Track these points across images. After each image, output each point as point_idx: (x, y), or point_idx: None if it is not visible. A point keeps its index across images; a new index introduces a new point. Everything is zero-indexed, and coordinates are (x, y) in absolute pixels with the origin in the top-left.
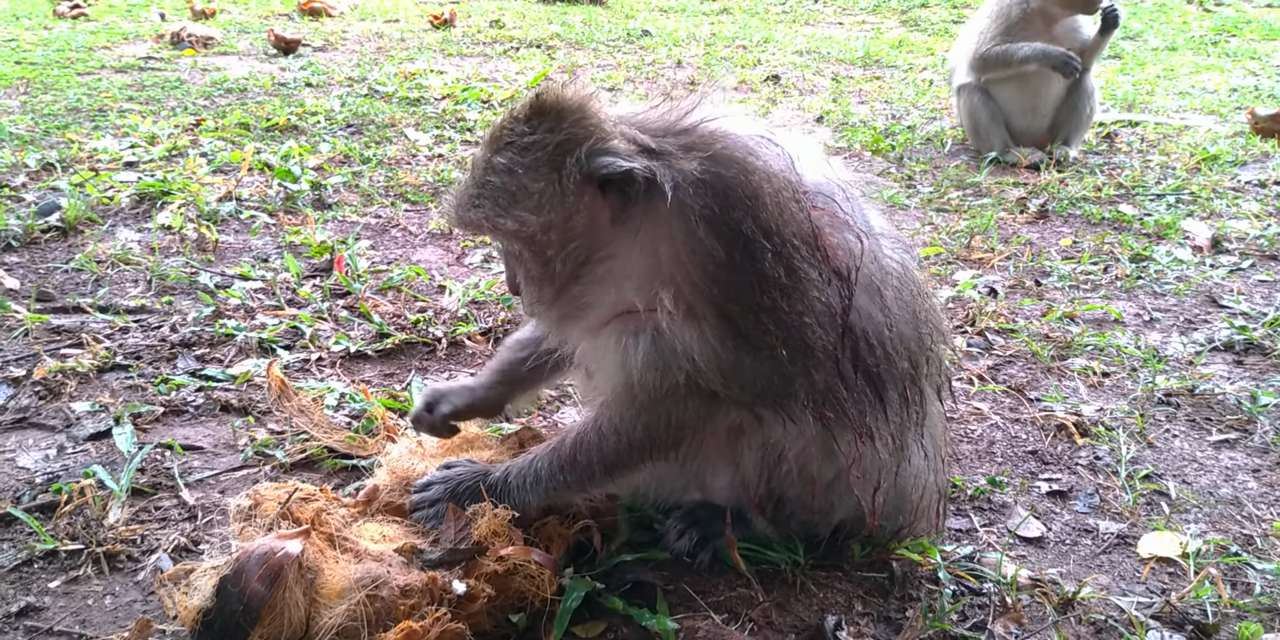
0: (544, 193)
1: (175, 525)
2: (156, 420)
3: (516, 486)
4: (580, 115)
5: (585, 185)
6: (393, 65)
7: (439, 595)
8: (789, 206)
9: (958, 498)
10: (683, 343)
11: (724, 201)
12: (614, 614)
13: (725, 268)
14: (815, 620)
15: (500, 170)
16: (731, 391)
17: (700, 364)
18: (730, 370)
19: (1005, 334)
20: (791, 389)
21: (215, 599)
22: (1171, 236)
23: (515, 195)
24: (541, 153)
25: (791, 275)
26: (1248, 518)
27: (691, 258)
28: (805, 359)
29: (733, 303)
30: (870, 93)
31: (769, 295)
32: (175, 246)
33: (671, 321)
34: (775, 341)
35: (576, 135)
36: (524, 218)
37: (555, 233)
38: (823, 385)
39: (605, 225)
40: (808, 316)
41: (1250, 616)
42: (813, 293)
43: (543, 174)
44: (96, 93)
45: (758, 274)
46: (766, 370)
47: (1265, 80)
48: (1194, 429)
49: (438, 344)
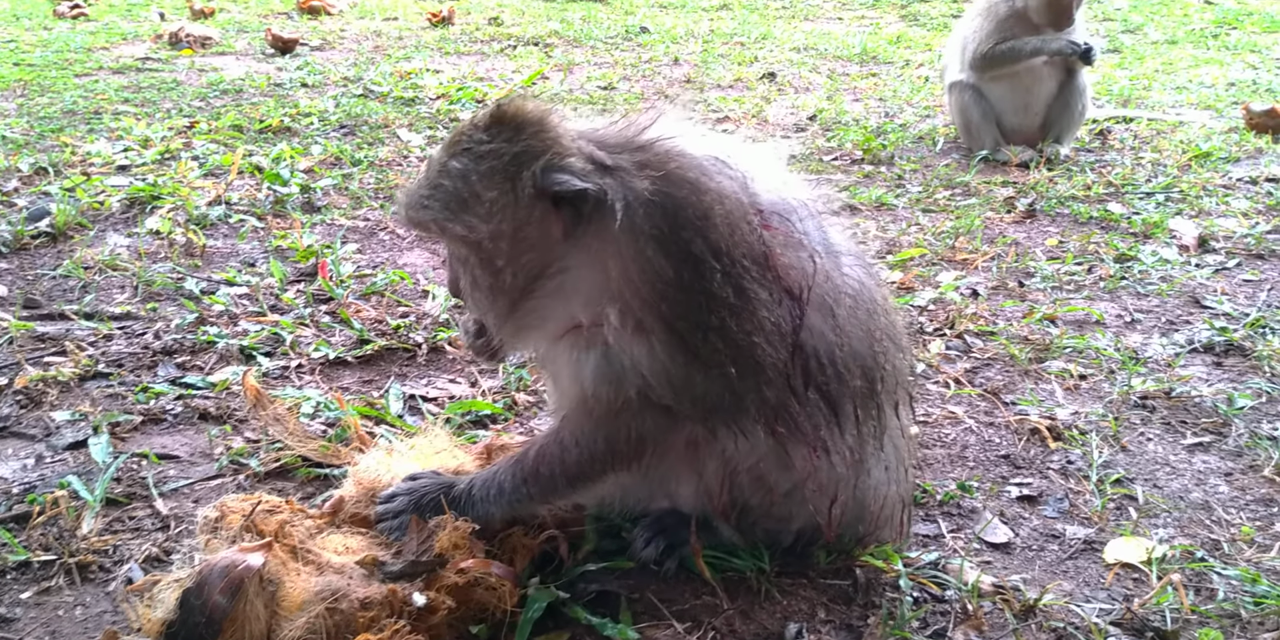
0: (496, 202)
1: (148, 535)
2: (135, 429)
3: (480, 499)
4: (539, 128)
5: (538, 199)
6: (389, 64)
7: (399, 607)
8: (740, 227)
9: (926, 503)
10: (632, 358)
11: (674, 222)
12: (577, 624)
13: (674, 287)
14: (778, 628)
15: (454, 174)
16: (683, 406)
17: (650, 379)
18: (681, 386)
19: (984, 336)
20: (743, 405)
21: (178, 611)
22: (1158, 236)
23: (466, 201)
24: (497, 161)
25: (741, 295)
26: (1217, 522)
27: (640, 276)
28: (756, 376)
29: (681, 320)
30: (865, 90)
31: (718, 315)
32: (163, 252)
33: (619, 337)
34: (725, 359)
35: (534, 148)
36: (473, 224)
37: (505, 242)
38: (775, 401)
39: (557, 239)
40: (757, 336)
41: (1212, 623)
42: (762, 312)
43: (496, 183)
44: (93, 95)
45: (706, 294)
46: (717, 387)
47: (1264, 74)
48: (1169, 432)
49: (418, 350)
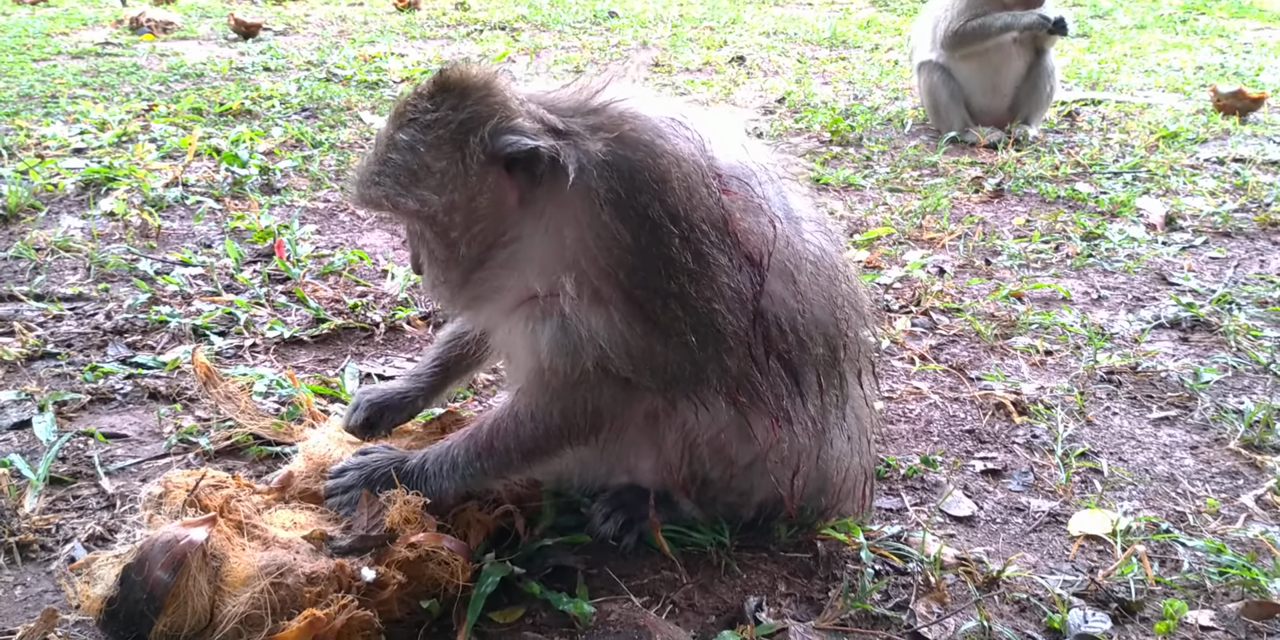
0: (446, 172)
1: (92, 514)
2: (83, 408)
3: (433, 473)
4: (485, 93)
5: (490, 165)
6: (353, 48)
7: (347, 582)
8: (698, 191)
9: (890, 477)
10: (589, 328)
11: (630, 185)
12: (533, 599)
13: (631, 253)
14: (738, 602)
15: (402, 147)
16: (643, 377)
17: (608, 350)
18: (640, 356)
19: (950, 313)
20: (704, 375)
21: (119, 588)
22: (1126, 214)
23: (417, 174)
24: (444, 130)
25: (700, 261)
26: (1182, 494)
27: (597, 242)
28: (716, 344)
29: (639, 288)
30: (834, 73)
31: (676, 281)
32: (118, 233)
33: (576, 307)
34: (685, 327)
35: (480, 113)
36: (425, 197)
37: (459, 214)
38: (736, 371)
39: (511, 207)
40: (717, 302)
41: (1176, 593)
42: (722, 278)
43: (445, 152)
44: (50, 79)
45: (665, 259)
46: (677, 356)
47: (1231, 58)
48: (1134, 406)
49: (376, 329)
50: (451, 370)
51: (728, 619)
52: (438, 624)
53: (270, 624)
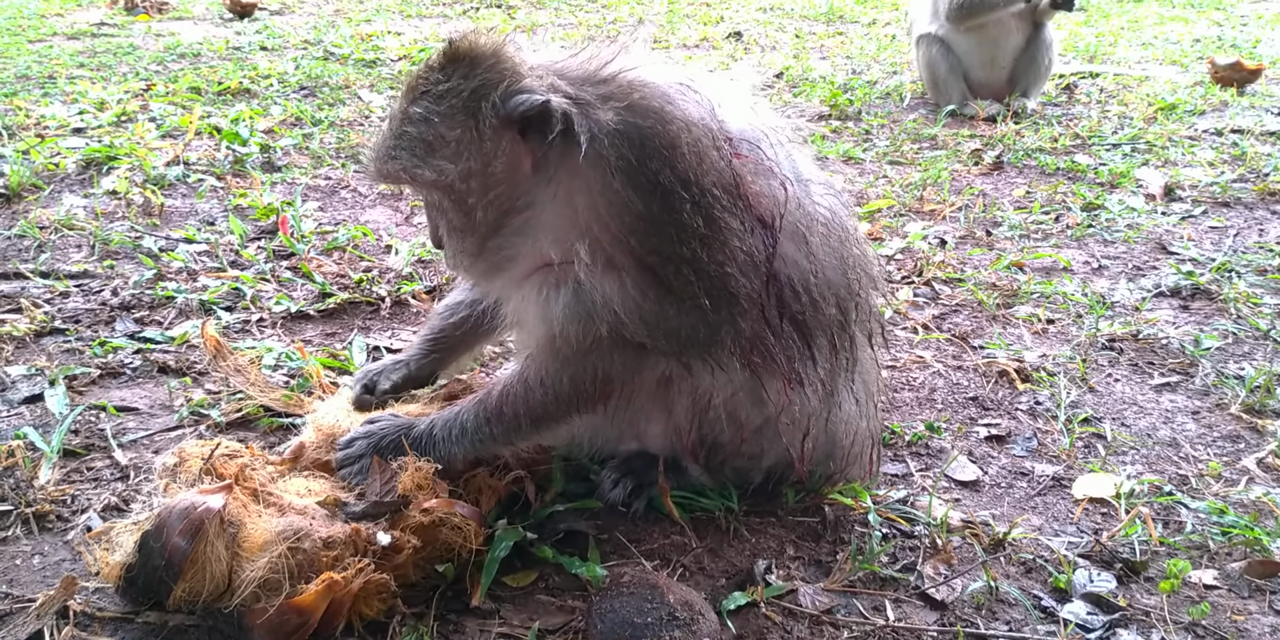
0: (461, 140)
1: (107, 485)
2: (93, 382)
3: (442, 439)
4: (495, 61)
5: (504, 129)
6: (350, 27)
7: (363, 547)
8: (709, 155)
9: (895, 444)
10: (603, 294)
11: (641, 152)
12: (545, 563)
13: (643, 219)
14: (747, 565)
15: (416, 120)
16: (657, 342)
17: (622, 315)
18: (654, 320)
19: (952, 284)
20: (718, 337)
21: (137, 554)
22: (1125, 185)
23: (432, 144)
24: (457, 99)
25: (711, 225)
26: (1184, 458)
27: (609, 209)
28: (730, 307)
29: (652, 254)
30: (832, 48)
31: (689, 245)
32: (121, 212)
33: (590, 273)
34: (698, 291)
35: (491, 80)
36: (442, 167)
37: (475, 180)
38: (749, 333)
39: (526, 173)
40: (729, 266)
41: (1180, 554)
42: (734, 242)
43: (459, 121)
44: (47, 60)
45: (677, 224)
46: (692, 319)
47: (1229, 30)
48: (1136, 373)
49: (381, 303)
50: (449, 341)
51: (738, 581)
52: (452, 588)
53: (288, 587)
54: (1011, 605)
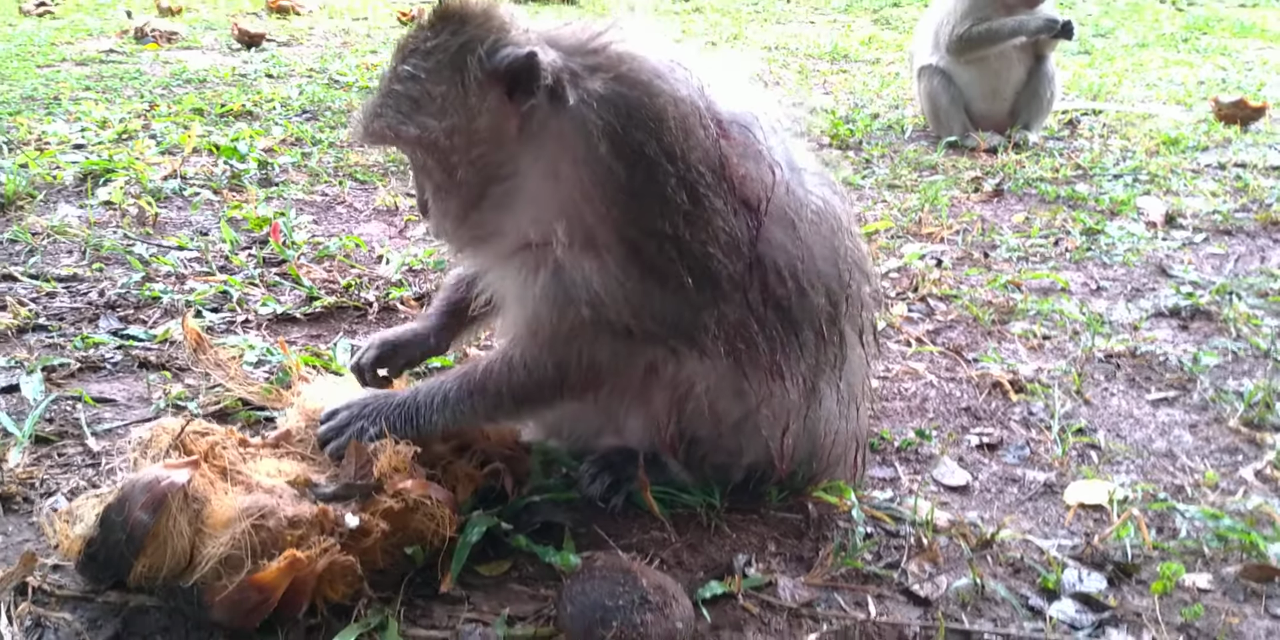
0: (446, 96)
1: (77, 470)
2: (71, 375)
3: (424, 404)
4: (485, 18)
5: (489, 85)
6: (355, 57)
7: (330, 527)
8: (695, 132)
9: (884, 449)
10: (583, 275)
11: (627, 121)
12: (519, 553)
13: (626, 191)
14: (726, 559)
15: (404, 78)
16: (643, 323)
17: (604, 296)
18: (637, 302)
19: (948, 300)
20: (701, 320)
21: (99, 528)
22: (1125, 213)
23: (418, 101)
24: (443, 55)
25: (695, 202)
26: (1180, 468)
27: (592, 178)
28: (713, 289)
29: (634, 228)
30: (835, 84)
31: (671, 221)
32: (115, 221)
33: (570, 254)
34: (680, 271)
35: (479, 35)
36: (427, 123)
37: (459, 137)
38: (733, 318)
39: (511, 135)
40: (712, 245)
41: (1173, 558)
42: (718, 221)
43: (445, 76)
44: (53, 83)
45: (660, 199)
46: (675, 300)
47: (1233, 74)
48: (1132, 387)
49: (369, 308)
50: (462, 311)
51: (716, 575)
52: (422, 574)
53: (250, 565)
54: (998, 603)
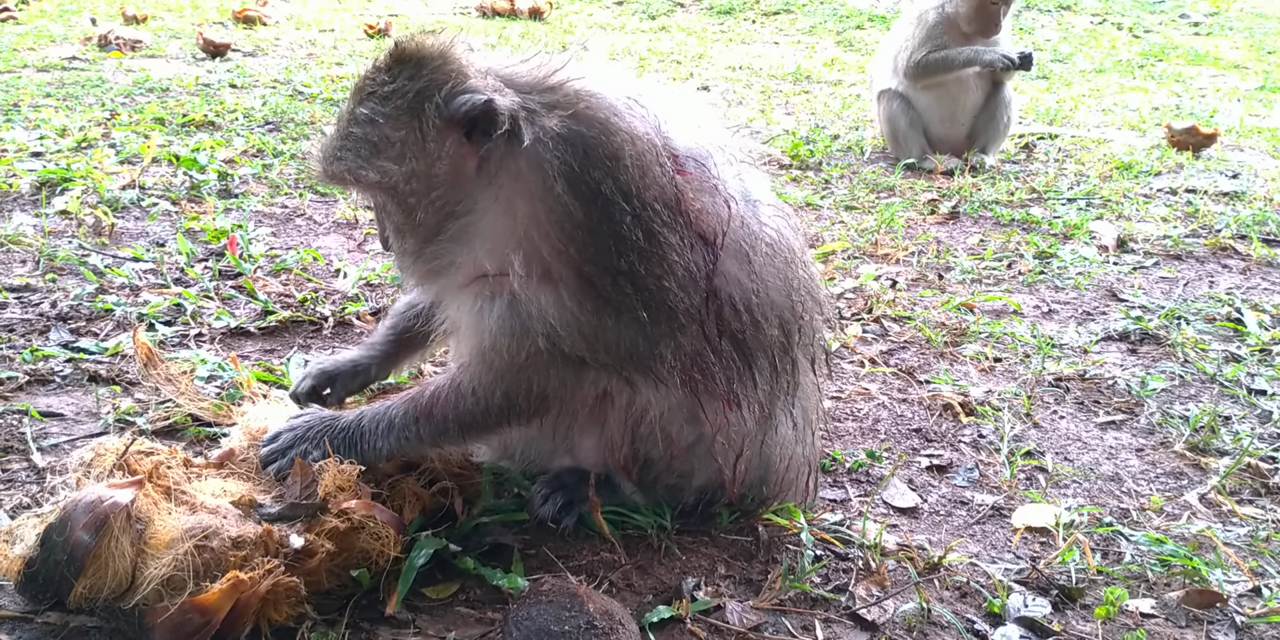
0: (405, 141)
1: (20, 486)
2: (19, 388)
3: (369, 430)
4: (441, 62)
5: (448, 130)
6: (321, 69)
7: (274, 549)
8: (651, 169)
9: (835, 470)
10: (539, 307)
11: (584, 160)
12: (467, 575)
13: (582, 228)
14: (676, 582)
15: (362, 121)
16: (596, 355)
17: (559, 328)
18: (592, 334)
19: (901, 321)
20: (658, 351)
21: (39, 548)
22: (1078, 236)
23: (378, 145)
24: (402, 101)
25: (651, 239)
26: (1126, 492)
27: (549, 216)
28: (669, 322)
29: (589, 264)
30: (797, 105)
31: (626, 258)
32: (70, 231)
33: (525, 285)
34: (635, 304)
35: (436, 80)
36: (386, 168)
37: (418, 180)
38: (690, 349)
39: (469, 175)
40: (667, 280)
41: (1117, 582)
42: (673, 256)
43: (404, 122)
44: (13, 89)
45: (616, 236)
46: (630, 332)
47: (1187, 101)
48: (1081, 410)
49: (324, 322)
50: (406, 341)
51: (665, 598)
52: (367, 597)
53: (192, 586)
54: (944, 628)
